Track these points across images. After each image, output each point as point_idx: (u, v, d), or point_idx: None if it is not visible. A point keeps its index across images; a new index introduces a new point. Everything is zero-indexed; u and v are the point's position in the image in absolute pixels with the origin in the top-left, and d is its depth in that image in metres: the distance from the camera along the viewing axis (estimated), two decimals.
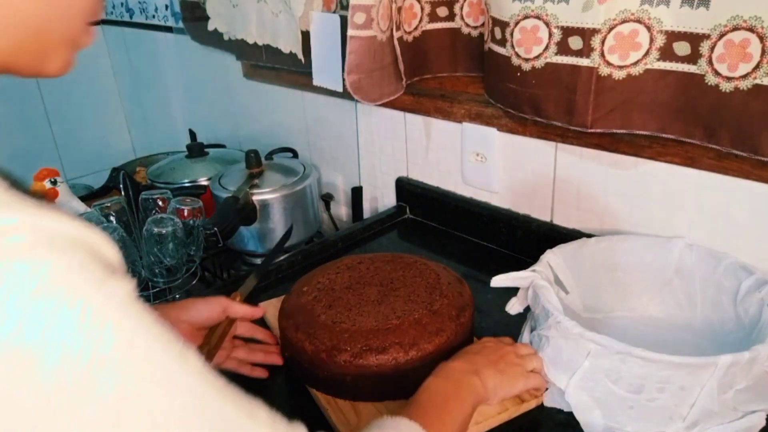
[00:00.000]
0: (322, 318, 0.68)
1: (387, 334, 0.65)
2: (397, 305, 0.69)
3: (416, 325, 0.66)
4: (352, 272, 0.77)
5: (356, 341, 0.65)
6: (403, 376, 0.64)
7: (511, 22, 0.76)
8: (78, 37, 0.43)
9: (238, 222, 1.06)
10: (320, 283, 0.75)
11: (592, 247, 0.77)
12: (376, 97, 0.98)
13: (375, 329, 0.66)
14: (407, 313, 0.68)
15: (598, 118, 0.73)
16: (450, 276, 0.76)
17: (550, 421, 0.63)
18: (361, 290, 0.73)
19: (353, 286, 0.74)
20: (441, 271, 0.77)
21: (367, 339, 0.65)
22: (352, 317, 0.68)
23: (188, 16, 1.47)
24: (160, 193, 1.08)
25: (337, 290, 0.73)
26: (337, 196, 1.32)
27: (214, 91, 1.62)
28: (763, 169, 0.67)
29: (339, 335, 0.66)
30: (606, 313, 0.76)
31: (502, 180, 0.98)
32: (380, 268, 0.77)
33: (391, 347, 0.64)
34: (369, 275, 0.76)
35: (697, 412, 0.56)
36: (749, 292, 0.66)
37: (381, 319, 0.67)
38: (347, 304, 0.70)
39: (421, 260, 0.79)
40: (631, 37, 0.68)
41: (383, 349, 0.64)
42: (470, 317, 0.71)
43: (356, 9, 0.86)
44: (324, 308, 0.70)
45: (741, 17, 0.60)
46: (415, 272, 0.76)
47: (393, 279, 0.75)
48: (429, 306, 0.69)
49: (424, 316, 0.67)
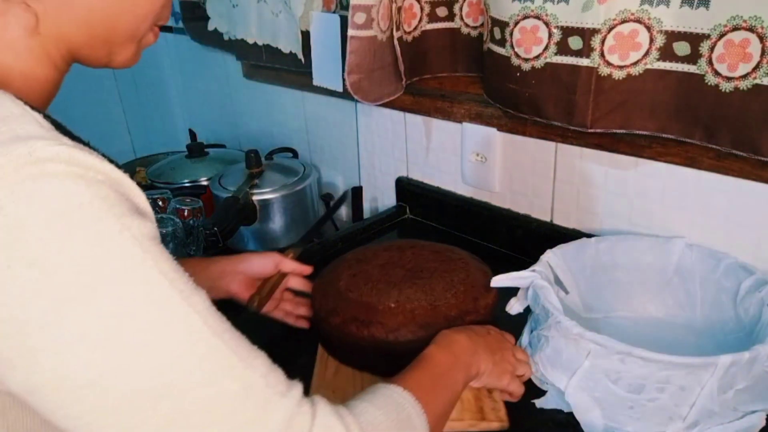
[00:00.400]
0: (341, 284, 0.74)
1: (376, 313, 0.68)
2: (408, 292, 0.71)
3: (407, 314, 0.68)
4: (395, 252, 0.80)
5: (349, 310, 0.70)
6: (381, 355, 0.67)
7: (511, 22, 0.76)
8: (144, 36, 0.48)
9: (238, 222, 1.06)
10: (363, 254, 0.81)
11: (592, 247, 0.77)
12: (376, 97, 0.98)
13: (369, 305, 0.69)
14: (408, 301, 0.69)
15: (598, 118, 0.73)
16: (478, 282, 0.74)
17: (550, 421, 0.63)
18: (390, 270, 0.76)
19: (387, 264, 0.77)
20: (476, 274, 0.75)
21: (358, 311, 0.69)
22: (362, 289, 0.72)
23: (188, 16, 1.47)
24: (160, 193, 1.08)
25: (371, 264, 0.77)
26: (337, 196, 1.32)
27: (214, 91, 1.62)
28: (763, 169, 0.67)
29: (341, 301, 0.71)
30: (606, 313, 0.76)
31: (502, 180, 0.98)
32: (420, 255, 0.79)
33: (374, 325, 0.68)
34: (406, 259, 0.78)
35: (697, 412, 0.56)
36: (749, 292, 0.66)
37: (381, 298, 0.70)
38: (368, 278, 0.74)
39: (464, 259, 0.78)
40: (631, 37, 0.68)
41: (367, 323, 0.68)
42: (475, 321, 0.70)
43: (356, 9, 0.86)
44: (349, 276, 0.75)
45: (741, 17, 0.60)
46: (448, 267, 0.76)
47: (424, 268, 0.76)
48: (432, 301, 0.69)
49: (420, 308, 0.68)
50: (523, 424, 0.63)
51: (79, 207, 0.35)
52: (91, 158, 0.37)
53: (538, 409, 0.65)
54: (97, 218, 0.35)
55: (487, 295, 0.73)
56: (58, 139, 0.37)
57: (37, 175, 0.34)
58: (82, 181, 0.35)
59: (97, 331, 0.35)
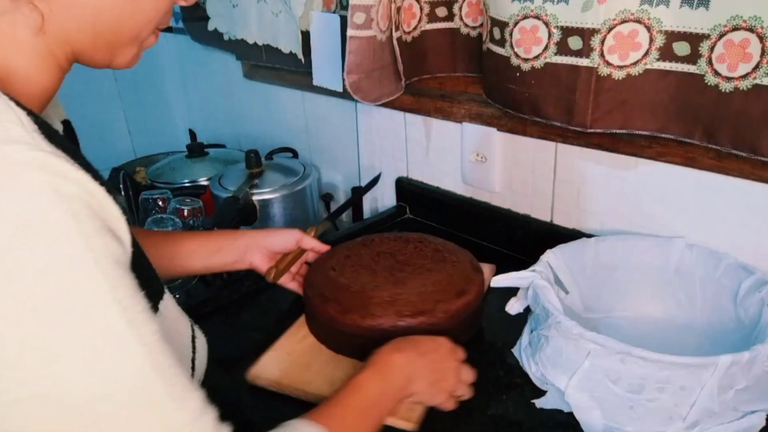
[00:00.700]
0: (333, 261, 0.79)
1: (338, 292, 0.73)
2: (380, 280, 0.74)
3: (364, 300, 0.71)
4: (400, 243, 0.83)
5: (320, 285, 0.75)
6: (333, 332, 0.72)
7: (511, 23, 0.76)
8: (145, 38, 0.49)
9: (238, 222, 1.06)
10: (372, 239, 0.84)
11: (592, 247, 0.77)
12: (375, 97, 0.98)
13: (338, 284, 0.74)
14: (372, 289, 0.72)
15: (598, 118, 0.73)
16: (455, 287, 0.73)
17: (550, 421, 0.63)
18: (383, 258, 0.79)
19: (384, 252, 0.80)
20: (458, 280, 0.74)
21: (325, 287, 0.74)
22: (344, 269, 0.77)
23: (188, 16, 1.47)
24: (160, 193, 1.08)
25: (371, 249, 0.81)
26: (337, 196, 1.32)
27: (214, 91, 1.62)
28: (763, 169, 0.67)
29: (320, 275, 0.77)
30: (606, 313, 0.76)
31: (502, 180, 0.98)
32: (419, 250, 0.81)
33: (331, 303, 0.72)
34: (404, 252, 0.80)
35: (697, 412, 0.56)
36: (749, 292, 0.66)
37: (352, 281, 0.74)
38: (358, 261, 0.78)
39: (459, 263, 0.78)
40: (631, 37, 0.68)
41: (326, 299, 0.72)
42: (428, 324, 0.70)
43: (356, 9, 0.86)
44: (344, 256, 0.79)
45: (741, 17, 0.60)
46: (435, 267, 0.76)
47: (413, 263, 0.77)
48: (395, 294, 0.71)
49: (377, 298, 0.70)
50: (523, 424, 0.63)
51: (47, 223, 0.34)
52: (66, 166, 0.36)
53: (538, 409, 0.65)
54: (63, 236, 0.35)
55: (452, 301, 0.71)
56: (36, 142, 0.36)
57: (9, 185, 0.34)
58: (56, 196, 0.35)
59: (36, 350, 0.35)
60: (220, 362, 0.78)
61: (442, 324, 0.69)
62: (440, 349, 0.64)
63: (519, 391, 0.67)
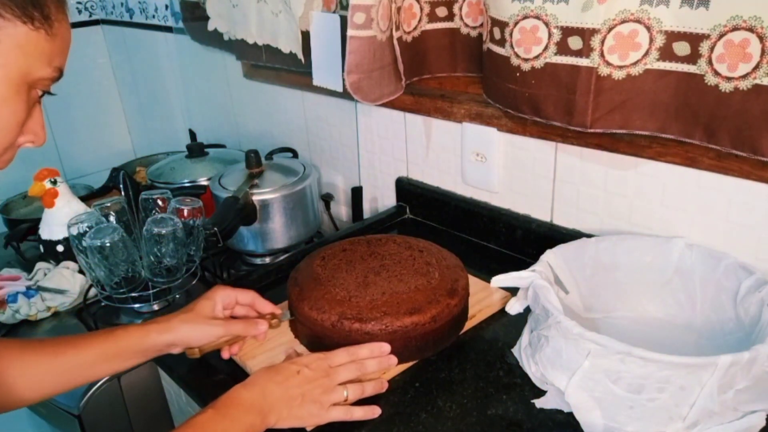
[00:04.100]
0: (322, 253, 0.83)
1: (313, 288, 0.75)
2: (349, 280, 0.76)
3: (328, 297, 0.73)
4: (393, 247, 0.84)
5: (300, 277, 0.78)
6: (304, 324, 0.74)
7: (511, 23, 0.76)
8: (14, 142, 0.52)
9: (238, 222, 1.06)
10: (369, 239, 0.86)
11: (592, 247, 0.77)
12: (375, 97, 0.98)
13: (316, 278, 0.77)
14: (340, 288, 0.74)
15: (598, 118, 0.73)
16: (415, 302, 0.72)
17: (550, 421, 0.63)
18: (370, 259, 0.81)
19: (376, 253, 0.82)
20: (423, 294, 0.73)
21: (304, 281, 0.77)
22: (328, 265, 0.79)
23: (188, 16, 1.47)
24: (160, 193, 1.07)
25: (365, 247, 0.84)
26: (337, 196, 1.32)
27: (214, 91, 1.62)
28: (763, 169, 0.67)
29: (304, 269, 0.80)
30: (606, 313, 0.76)
31: (502, 180, 0.98)
32: (407, 256, 0.82)
33: (305, 300, 0.74)
34: (393, 255, 0.82)
35: (697, 412, 0.56)
36: (749, 292, 0.66)
37: (329, 278, 0.76)
38: (348, 258, 0.81)
39: (438, 275, 0.77)
40: (631, 37, 0.68)
41: (300, 294, 0.75)
42: (410, 325, 0.70)
43: (356, 9, 0.86)
44: (324, 263, 0.81)
45: (741, 17, 0.60)
46: (410, 276, 0.76)
47: (392, 269, 0.78)
48: (352, 296, 0.73)
49: (339, 296, 0.73)
50: (523, 424, 0.63)
51: None
52: None
53: (538, 409, 0.65)
54: None
55: (401, 317, 0.70)
56: None
57: None
58: None
59: None
60: (220, 362, 0.78)
61: (378, 332, 0.70)
62: (302, 371, 0.63)
63: (519, 391, 0.67)
